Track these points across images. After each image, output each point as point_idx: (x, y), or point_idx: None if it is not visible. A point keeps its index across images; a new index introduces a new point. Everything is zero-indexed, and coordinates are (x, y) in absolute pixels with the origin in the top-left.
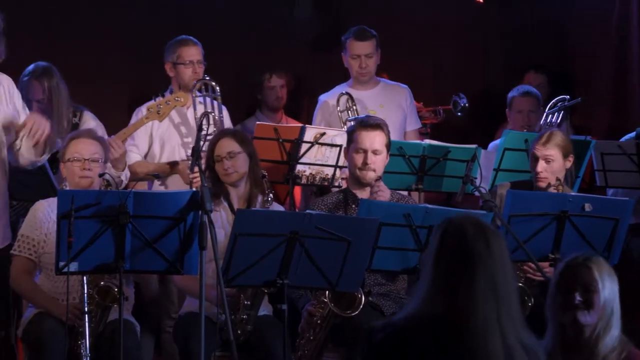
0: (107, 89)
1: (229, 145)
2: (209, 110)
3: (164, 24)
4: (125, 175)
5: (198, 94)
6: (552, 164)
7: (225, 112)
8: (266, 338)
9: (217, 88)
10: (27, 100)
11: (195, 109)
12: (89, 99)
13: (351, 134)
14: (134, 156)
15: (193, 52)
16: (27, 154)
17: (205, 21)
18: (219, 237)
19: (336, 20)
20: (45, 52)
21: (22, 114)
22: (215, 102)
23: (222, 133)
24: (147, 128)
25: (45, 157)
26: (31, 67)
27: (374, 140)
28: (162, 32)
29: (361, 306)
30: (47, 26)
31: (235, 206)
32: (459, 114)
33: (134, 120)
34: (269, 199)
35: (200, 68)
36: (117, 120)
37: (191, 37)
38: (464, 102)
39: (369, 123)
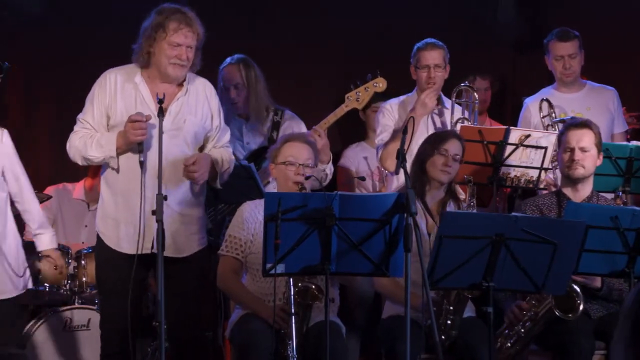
0: (308, 89)
1: (456, 147)
2: (465, 116)
3: (365, 26)
4: (330, 169)
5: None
6: None
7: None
8: (471, 342)
9: (476, 95)
10: (225, 89)
11: (452, 113)
12: (291, 99)
13: (560, 137)
14: None
15: (429, 56)
16: None
17: (406, 25)
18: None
19: (539, 23)
20: (248, 54)
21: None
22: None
23: (453, 133)
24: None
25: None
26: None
27: (581, 138)
28: (364, 36)
29: (579, 312)
30: (251, 29)
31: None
32: None
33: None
34: (472, 203)
35: (436, 72)
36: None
37: (433, 40)
38: None
39: (576, 122)
